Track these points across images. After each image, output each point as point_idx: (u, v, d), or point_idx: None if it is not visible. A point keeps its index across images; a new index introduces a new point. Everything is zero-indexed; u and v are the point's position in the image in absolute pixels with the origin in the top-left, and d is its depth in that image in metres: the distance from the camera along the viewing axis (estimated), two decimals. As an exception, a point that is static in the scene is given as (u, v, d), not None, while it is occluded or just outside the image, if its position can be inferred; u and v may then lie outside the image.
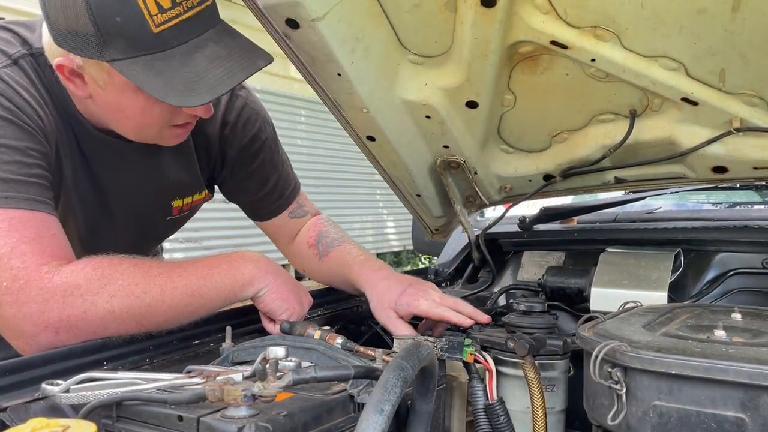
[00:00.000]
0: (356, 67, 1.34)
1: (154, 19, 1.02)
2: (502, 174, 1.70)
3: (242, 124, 1.45)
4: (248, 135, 1.46)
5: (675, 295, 1.43)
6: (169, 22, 1.04)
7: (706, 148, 1.40)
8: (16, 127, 1.09)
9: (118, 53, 1.04)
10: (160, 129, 1.19)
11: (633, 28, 1.21)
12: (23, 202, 1.06)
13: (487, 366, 1.07)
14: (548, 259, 1.70)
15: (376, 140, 1.56)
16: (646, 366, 0.80)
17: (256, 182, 1.52)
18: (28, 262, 1.03)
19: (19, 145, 1.08)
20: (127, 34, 1.02)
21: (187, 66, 1.05)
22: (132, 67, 1.04)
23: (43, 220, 1.08)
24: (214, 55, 1.08)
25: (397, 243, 11.93)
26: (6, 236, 1.03)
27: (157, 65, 1.04)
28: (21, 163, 1.08)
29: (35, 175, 1.09)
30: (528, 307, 1.18)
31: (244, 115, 1.45)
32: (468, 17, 1.24)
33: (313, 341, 1.03)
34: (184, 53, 1.06)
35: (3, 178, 1.05)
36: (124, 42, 1.03)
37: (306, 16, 1.21)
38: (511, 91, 1.46)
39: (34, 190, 1.08)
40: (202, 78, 1.05)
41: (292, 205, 1.57)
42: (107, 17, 1.01)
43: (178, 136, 1.24)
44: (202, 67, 1.06)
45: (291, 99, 9.66)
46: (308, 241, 1.57)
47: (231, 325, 1.12)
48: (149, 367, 1.06)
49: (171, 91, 1.04)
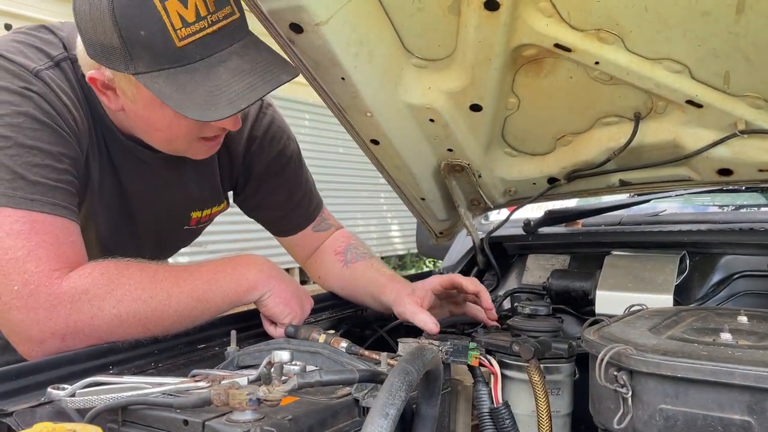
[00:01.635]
0: (360, 71, 1.34)
1: (177, 33, 1.03)
2: (506, 177, 1.70)
3: (269, 140, 1.46)
4: (274, 151, 1.48)
5: (680, 298, 1.42)
6: (193, 36, 1.04)
7: (711, 150, 1.39)
8: (52, 131, 1.09)
9: (143, 66, 1.04)
10: (189, 142, 1.20)
11: (637, 31, 1.21)
12: (48, 206, 1.06)
13: (492, 370, 1.07)
14: (553, 263, 1.70)
15: (380, 144, 1.56)
16: (652, 369, 0.79)
17: (281, 198, 1.53)
18: (42, 266, 1.03)
19: (53, 149, 1.09)
20: (151, 47, 1.03)
21: (209, 80, 1.05)
22: (156, 80, 1.05)
23: (64, 226, 1.08)
24: (238, 69, 1.08)
25: (402, 246, 11.93)
26: (26, 239, 1.03)
27: (180, 79, 1.04)
28: (52, 168, 1.08)
29: (63, 180, 1.10)
30: (533, 311, 1.18)
31: (271, 132, 1.46)
32: (471, 21, 1.24)
33: (318, 345, 1.03)
34: (207, 67, 1.06)
35: (32, 180, 1.05)
36: (148, 55, 1.03)
37: (310, 21, 1.21)
38: (515, 94, 1.45)
39: (60, 195, 1.08)
40: (223, 92, 1.05)
41: (316, 220, 1.58)
42: (132, 31, 1.02)
43: (208, 149, 1.25)
44: (224, 81, 1.06)
45: (295, 103, 9.69)
46: (335, 249, 1.57)
47: (236, 329, 1.12)
48: (155, 371, 1.07)
49: (191, 105, 1.04)
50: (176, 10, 1.02)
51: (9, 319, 1.03)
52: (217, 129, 1.19)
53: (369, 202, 11.31)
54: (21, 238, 1.02)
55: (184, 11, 1.02)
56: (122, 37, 1.02)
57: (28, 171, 1.05)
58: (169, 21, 1.02)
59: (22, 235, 1.03)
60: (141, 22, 1.01)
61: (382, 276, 1.45)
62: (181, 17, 1.02)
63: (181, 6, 1.02)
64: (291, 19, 1.22)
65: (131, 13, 1.01)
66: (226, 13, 1.08)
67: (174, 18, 1.02)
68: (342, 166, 10.50)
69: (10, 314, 1.03)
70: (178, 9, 1.02)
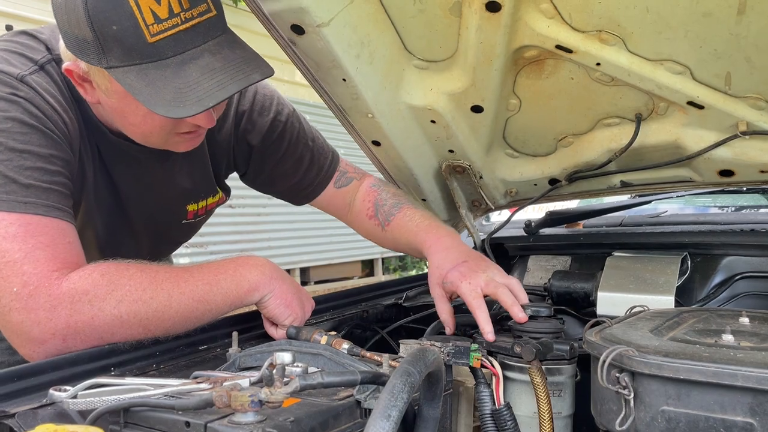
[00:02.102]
0: (361, 73, 1.34)
1: (150, 29, 1.02)
2: (507, 178, 1.70)
3: (258, 112, 1.43)
4: (267, 120, 1.44)
5: (682, 299, 1.42)
6: (166, 32, 1.04)
7: (712, 151, 1.40)
8: (42, 134, 1.10)
9: (115, 60, 1.04)
10: (165, 136, 1.19)
11: (638, 32, 1.21)
12: (42, 208, 1.06)
13: (494, 371, 1.07)
14: (554, 264, 1.70)
15: (382, 145, 1.56)
16: (654, 371, 0.79)
17: (290, 165, 1.50)
18: (40, 268, 1.03)
19: (43, 152, 1.09)
20: (123, 42, 1.03)
21: (179, 77, 1.05)
22: (127, 75, 1.04)
23: (60, 228, 1.08)
24: (208, 67, 1.07)
25: (402, 247, 11.92)
26: (22, 241, 1.03)
27: (151, 74, 1.04)
28: (44, 170, 1.08)
29: (56, 182, 1.10)
30: (534, 312, 1.18)
31: (258, 102, 1.44)
32: (473, 22, 1.24)
33: (320, 346, 1.03)
34: (178, 64, 1.05)
35: (25, 183, 1.05)
36: (120, 50, 1.03)
37: (311, 22, 1.21)
38: (516, 95, 1.46)
39: (54, 197, 1.09)
40: (192, 90, 1.05)
41: (335, 176, 1.55)
42: (105, 25, 1.02)
43: (187, 142, 1.24)
44: (194, 78, 1.05)
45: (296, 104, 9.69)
46: (367, 213, 1.54)
47: (237, 330, 1.12)
48: (156, 372, 1.07)
49: (160, 101, 1.04)
50: (149, 6, 1.01)
51: (9, 321, 1.03)
52: (190, 125, 1.18)
53: (370, 202, 11.30)
54: (17, 241, 1.03)
55: (156, 7, 1.02)
56: (95, 30, 1.02)
57: (20, 174, 1.05)
58: (141, 17, 1.01)
59: (18, 238, 1.03)
60: (113, 16, 1.01)
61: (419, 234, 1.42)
62: (153, 13, 1.02)
63: (154, 2, 1.02)
64: (292, 21, 1.22)
65: (104, 8, 1.01)
66: (201, 11, 1.07)
67: (146, 14, 1.01)
68: (343, 166, 10.48)
69: (10, 316, 1.03)
70: (150, 5, 1.02)
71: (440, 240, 1.37)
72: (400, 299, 1.69)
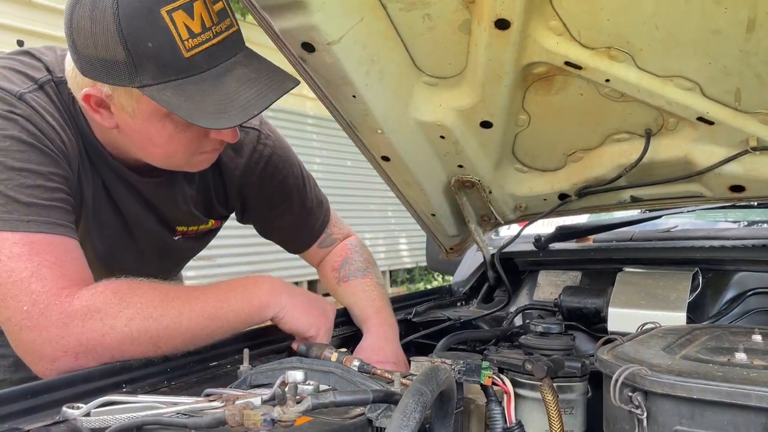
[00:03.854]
0: (371, 89, 1.35)
1: (185, 43, 1.04)
2: (516, 193, 1.70)
3: (269, 173, 1.48)
4: (276, 182, 1.50)
5: (693, 315, 1.41)
6: (200, 46, 1.05)
7: (722, 167, 1.39)
8: (40, 152, 1.10)
9: (149, 79, 1.04)
10: (189, 156, 1.20)
11: (647, 49, 1.21)
12: (45, 225, 1.07)
13: (505, 389, 1.07)
14: (564, 279, 1.69)
15: (391, 160, 1.57)
16: (667, 390, 0.79)
17: (286, 222, 1.56)
18: (48, 286, 1.03)
19: (42, 170, 1.10)
20: (159, 59, 1.03)
21: (218, 89, 1.06)
22: (163, 92, 1.05)
23: (63, 244, 1.09)
24: (245, 77, 1.09)
25: (410, 260, 11.91)
26: (27, 260, 1.04)
27: (188, 89, 1.05)
28: (44, 188, 1.09)
29: (57, 199, 1.11)
30: (545, 329, 1.18)
31: (272, 165, 1.48)
32: (482, 39, 1.25)
33: (331, 364, 1.03)
34: (215, 77, 1.07)
35: (26, 202, 1.06)
36: (155, 67, 1.04)
37: (322, 40, 1.22)
38: (526, 111, 1.46)
39: (56, 213, 1.09)
40: (234, 100, 1.06)
41: (321, 237, 1.61)
42: (139, 43, 1.02)
43: (206, 160, 1.26)
44: (233, 89, 1.07)
45: (304, 117, 9.74)
46: (333, 264, 1.60)
47: (248, 347, 1.12)
48: (167, 389, 1.07)
49: (203, 114, 1.04)
50: (183, 21, 1.03)
51: (21, 340, 1.04)
52: (215, 142, 1.20)
53: (377, 215, 11.32)
54: (22, 260, 1.03)
55: (190, 22, 1.04)
56: (128, 49, 1.02)
57: (21, 193, 1.06)
58: (176, 32, 1.03)
59: (23, 257, 1.03)
60: (148, 33, 1.02)
61: (368, 308, 1.47)
62: (188, 28, 1.03)
63: (188, 17, 1.03)
64: (303, 39, 1.23)
65: (138, 25, 1.01)
66: (227, 25, 1.10)
67: (181, 29, 1.03)
68: (350, 179, 10.52)
69: (21, 334, 1.03)
70: (185, 20, 1.03)
71: (382, 328, 1.42)
72: (409, 314, 1.69)
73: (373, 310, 1.47)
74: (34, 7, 6.70)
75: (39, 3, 6.74)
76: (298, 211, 1.56)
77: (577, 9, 1.16)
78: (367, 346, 1.38)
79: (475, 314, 1.72)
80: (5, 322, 1.05)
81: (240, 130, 1.34)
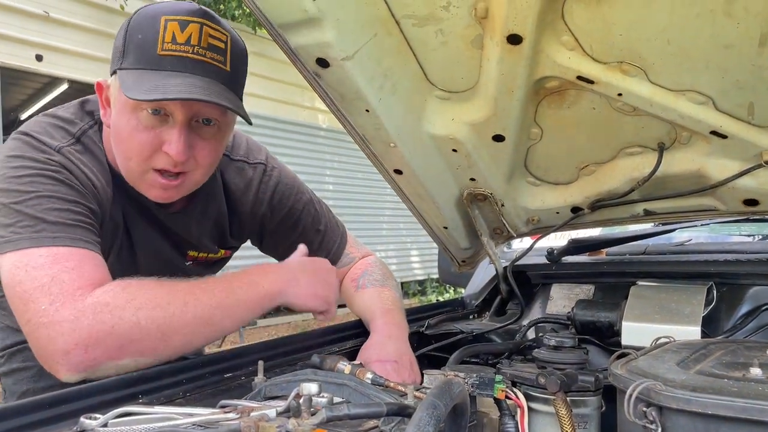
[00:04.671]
0: (384, 103, 1.36)
1: (164, 45, 1.19)
2: (529, 206, 1.71)
3: (277, 201, 1.56)
4: (284, 210, 1.56)
5: (708, 329, 1.40)
6: (174, 52, 1.19)
7: (736, 180, 1.39)
8: (69, 187, 1.22)
9: (128, 64, 1.21)
10: (143, 165, 1.25)
11: (659, 63, 1.21)
12: (69, 240, 1.15)
13: (519, 403, 1.07)
14: (577, 292, 1.69)
15: (404, 173, 1.58)
16: (682, 406, 0.78)
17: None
18: (66, 287, 1.09)
19: (69, 197, 1.20)
20: (139, 48, 1.19)
21: (162, 79, 1.17)
22: (128, 74, 1.19)
23: (85, 255, 1.15)
24: (191, 83, 1.17)
25: (421, 271, 11.89)
26: (49, 268, 1.11)
27: (145, 76, 1.18)
28: (70, 211, 1.19)
29: (82, 221, 1.19)
30: (559, 342, 1.17)
31: (278, 193, 1.56)
32: (494, 54, 1.26)
33: (345, 376, 1.03)
34: (169, 75, 1.18)
35: (52, 221, 1.15)
36: (134, 55, 1.20)
37: (336, 56, 1.24)
38: (538, 124, 1.47)
39: (80, 232, 1.18)
40: (164, 87, 1.15)
41: (342, 258, 1.66)
42: (134, 33, 1.21)
43: (162, 189, 1.28)
44: (173, 82, 1.16)
45: (316, 129, 9.80)
46: (352, 276, 1.64)
47: (263, 358, 1.13)
48: (183, 400, 1.08)
49: (137, 91, 1.15)
50: (173, 30, 1.19)
51: (38, 337, 1.09)
52: (166, 160, 1.24)
53: (388, 227, 11.32)
54: (44, 269, 1.10)
55: (178, 33, 1.19)
56: (126, 38, 1.22)
57: (49, 215, 1.16)
58: (162, 34, 1.19)
59: (45, 266, 1.11)
60: (144, 28, 1.20)
61: (377, 310, 1.50)
62: (173, 36, 1.19)
63: (179, 29, 1.19)
64: (317, 54, 1.25)
65: (141, 22, 1.21)
66: (215, 57, 1.22)
67: (168, 34, 1.19)
68: (361, 191, 10.54)
69: (38, 332, 1.08)
70: (174, 29, 1.19)
71: (387, 326, 1.44)
72: (421, 327, 1.69)
73: (381, 311, 1.48)
74: (52, 22, 6.82)
75: (56, 18, 6.85)
76: (312, 236, 1.60)
77: (589, 24, 1.17)
78: (369, 344, 1.39)
79: (487, 327, 1.72)
80: (26, 324, 1.11)
81: (248, 166, 1.50)
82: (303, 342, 1.41)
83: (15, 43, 6.51)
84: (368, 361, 1.30)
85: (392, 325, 1.44)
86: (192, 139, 1.24)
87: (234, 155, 1.52)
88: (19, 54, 6.54)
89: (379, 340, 1.39)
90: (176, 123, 1.21)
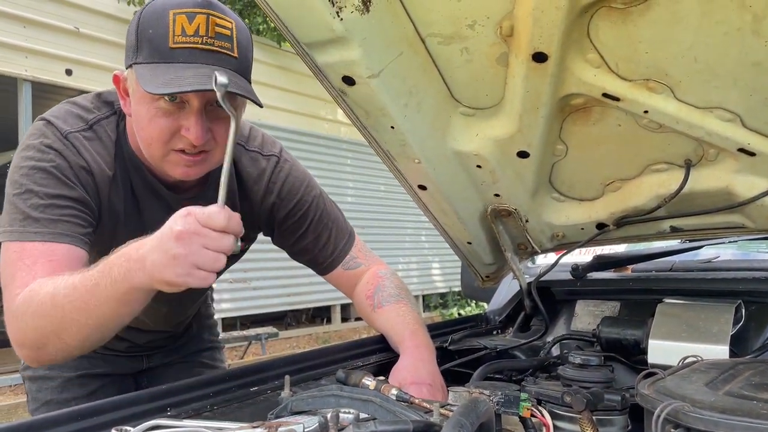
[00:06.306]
0: (409, 120, 1.38)
1: (175, 38, 1.24)
2: (554, 222, 1.70)
3: (286, 193, 1.59)
4: (293, 201, 1.59)
5: (736, 348, 1.38)
6: (185, 44, 1.24)
7: (765, 198, 1.37)
8: (57, 180, 1.29)
9: (142, 58, 1.25)
10: (164, 148, 1.31)
11: (686, 81, 1.21)
12: (49, 236, 1.25)
13: (544, 421, 1.06)
14: (603, 309, 1.68)
15: (428, 189, 1.59)
16: (711, 428, 0.78)
17: (309, 242, 1.63)
18: (16, 284, 1.22)
19: (55, 192, 1.28)
20: (152, 43, 1.24)
21: (177, 72, 1.22)
22: (144, 68, 1.24)
23: (51, 250, 1.25)
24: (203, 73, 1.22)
25: (443, 285, 11.86)
26: (13, 264, 1.24)
27: (160, 69, 1.23)
28: (54, 206, 1.27)
29: (65, 215, 1.28)
30: (584, 360, 1.17)
31: (288, 184, 1.59)
32: (520, 72, 1.26)
33: (370, 392, 1.04)
34: (183, 67, 1.23)
35: (37, 218, 1.26)
36: (148, 50, 1.25)
37: (362, 74, 1.26)
38: (563, 141, 1.47)
39: (63, 226, 1.27)
40: (178, 80, 1.20)
41: (346, 258, 1.66)
42: (145, 29, 1.25)
43: (184, 166, 1.34)
44: (186, 75, 1.21)
45: (338, 142, 9.87)
46: (366, 293, 1.64)
47: (289, 372, 1.15)
48: (210, 413, 1.09)
49: (152, 84, 1.21)
50: (181, 23, 1.24)
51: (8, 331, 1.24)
52: (185, 142, 1.29)
53: (410, 240, 11.32)
54: (11, 264, 1.25)
55: (187, 26, 1.24)
56: (138, 34, 1.26)
57: (34, 211, 1.26)
58: (172, 28, 1.24)
59: (12, 262, 1.25)
60: (154, 23, 1.25)
61: (403, 330, 1.50)
62: (183, 28, 1.24)
63: (187, 22, 1.24)
64: (344, 72, 1.27)
65: (150, 17, 1.26)
66: (222, 45, 1.27)
67: (177, 27, 1.24)
68: (383, 203, 10.57)
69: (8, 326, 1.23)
70: (183, 22, 1.24)
71: (418, 349, 1.45)
72: (445, 342, 1.69)
73: (408, 332, 1.49)
74: (81, 37, 6.98)
75: (86, 33, 7.02)
76: (320, 230, 1.63)
77: (614, 42, 1.18)
78: (402, 367, 1.39)
79: (511, 343, 1.71)
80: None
81: (261, 156, 1.56)
82: (327, 356, 1.42)
83: (46, 57, 6.68)
84: (404, 384, 1.30)
85: (423, 347, 1.45)
86: (209, 122, 1.30)
87: (249, 146, 1.57)
88: (49, 68, 6.70)
89: (413, 363, 1.40)
90: (193, 109, 1.27)
